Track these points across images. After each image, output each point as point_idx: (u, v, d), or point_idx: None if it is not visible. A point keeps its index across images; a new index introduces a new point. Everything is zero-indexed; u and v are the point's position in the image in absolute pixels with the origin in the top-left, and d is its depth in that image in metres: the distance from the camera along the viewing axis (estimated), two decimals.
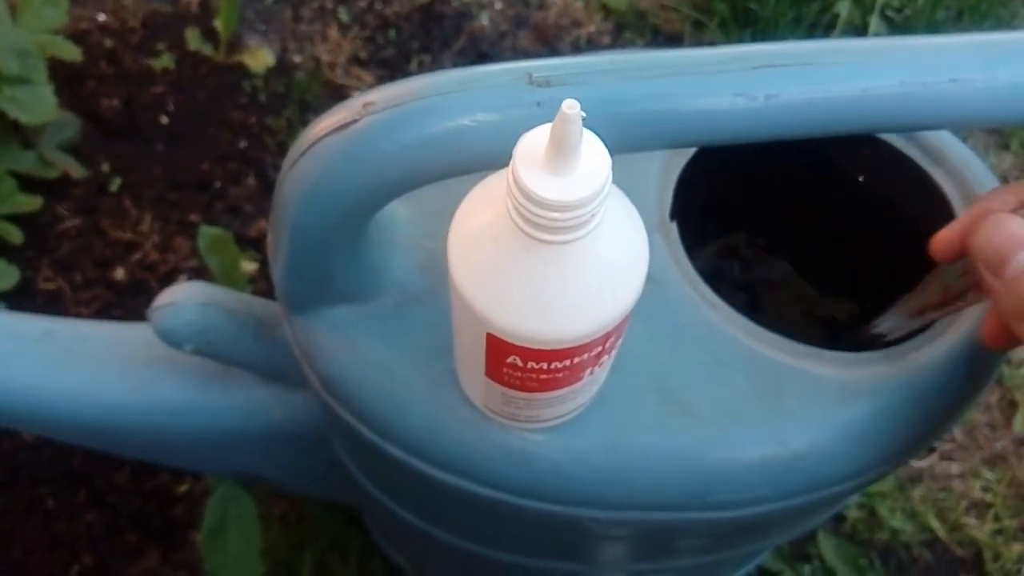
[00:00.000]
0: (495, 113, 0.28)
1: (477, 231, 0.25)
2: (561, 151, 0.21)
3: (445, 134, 0.28)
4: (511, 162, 0.22)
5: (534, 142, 0.22)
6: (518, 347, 0.26)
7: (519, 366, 0.27)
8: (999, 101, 0.31)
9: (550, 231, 0.23)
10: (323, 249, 0.33)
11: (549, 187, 0.22)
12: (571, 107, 0.20)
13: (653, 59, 0.29)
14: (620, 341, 0.30)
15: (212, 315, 0.39)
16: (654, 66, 0.29)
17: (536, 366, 0.27)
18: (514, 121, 0.27)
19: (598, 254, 0.24)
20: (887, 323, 0.39)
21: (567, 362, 0.27)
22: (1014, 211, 0.31)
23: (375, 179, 0.29)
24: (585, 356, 0.27)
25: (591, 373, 0.29)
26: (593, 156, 0.22)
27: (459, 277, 0.26)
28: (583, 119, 0.21)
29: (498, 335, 0.26)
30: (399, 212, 0.38)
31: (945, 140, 0.44)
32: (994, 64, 0.31)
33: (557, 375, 0.28)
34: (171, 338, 0.40)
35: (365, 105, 0.29)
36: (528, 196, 0.22)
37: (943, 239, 0.33)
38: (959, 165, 0.43)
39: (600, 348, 0.28)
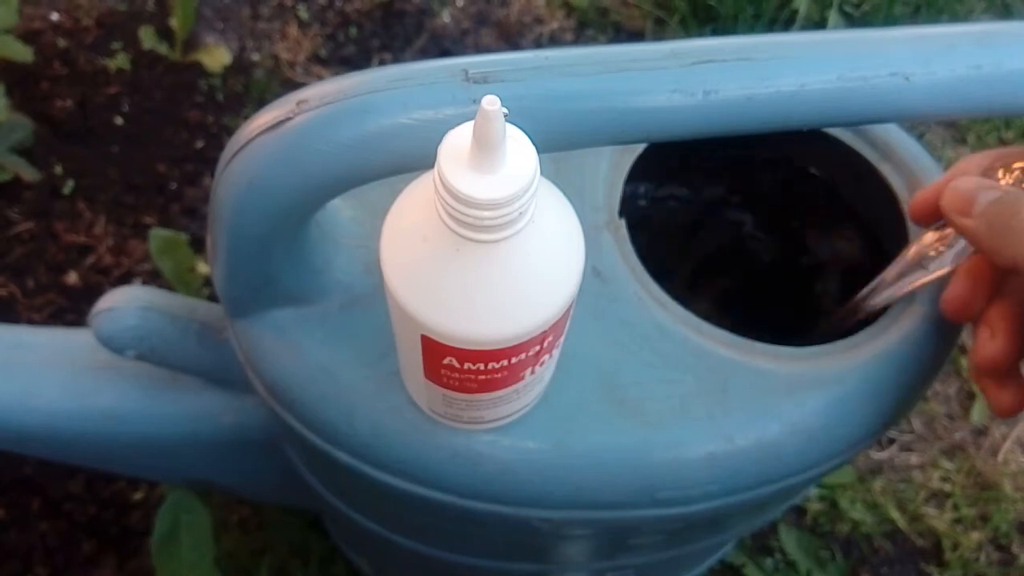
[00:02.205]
0: (431, 111, 0.27)
1: (408, 231, 0.25)
2: (485, 148, 0.21)
3: (380, 132, 0.28)
4: (436, 160, 0.22)
5: (459, 140, 0.22)
6: (453, 348, 0.26)
7: (456, 367, 0.27)
8: (938, 95, 0.31)
9: (478, 230, 0.22)
10: (262, 251, 0.32)
11: (474, 185, 0.21)
12: (491, 103, 0.20)
13: (591, 55, 0.29)
14: (561, 340, 0.29)
15: (153, 320, 0.38)
16: (592, 62, 0.29)
17: (473, 367, 0.27)
18: (451, 119, 0.27)
19: (530, 253, 0.24)
20: (873, 299, 0.39)
21: (504, 362, 0.27)
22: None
23: (310, 178, 0.29)
24: (523, 356, 0.27)
25: (532, 373, 0.29)
26: (519, 152, 0.22)
27: (391, 278, 0.25)
28: (506, 115, 0.21)
29: (432, 336, 0.26)
30: (343, 211, 0.37)
31: (892, 134, 0.44)
32: (932, 58, 0.31)
33: (495, 376, 0.27)
34: (112, 344, 0.39)
35: (299, 103, 0.28)
36: (454, 194, 0.22)
37: (920, 199, 0.36)
38: (906, 159, 0.43)
39: (539, 347, 0.27)
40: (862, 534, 0.75)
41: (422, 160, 0.27)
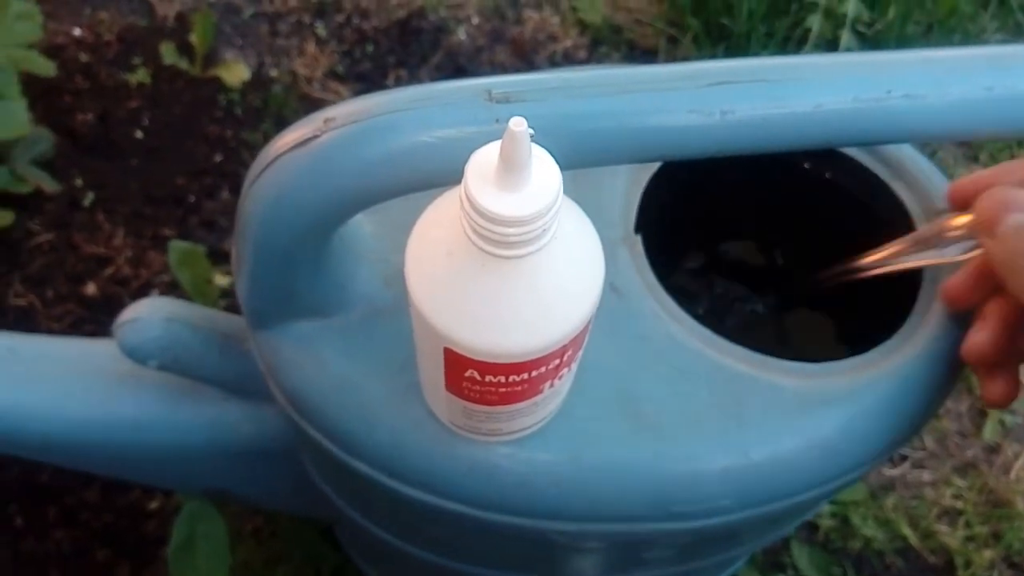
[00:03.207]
0: (454, 129, 0.28)
1: (433, 246, 0.25)
2: (511, 168, 0.21)
3: (405, 150, 0.28)
4: (463, 178, 0.23)
5: (485, 159, 0.23)
6: (475, 361, 0.26)
7: (477, 380, 0.27)
8: (951, 116, 0.32)
9: (503, 246, 0.23)
10: (286, 264, 0.33)
11: (500, 203, 0.22)
12: (518, 124, 0.21)
13: (610, 76, 0.30)
14: (580, 353, 0.30)
15: (177, 330, 0.39)
16: (611, 83, 0.29)
17: (494, 380, 0.27)
18: (473, 137, 0.28)
19: (552, 269, 0.24)
20: (876, 266, 0.40)
21: (525, 375, 0.27)
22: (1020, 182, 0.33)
23: (336, 194, 0.30)
24: (543, 369, 0.27)
25: (551, 386, 0.30)
26: (543, 171, 0.23)
27: (415, 292, 0.26)
28: (532, 135, 0.21)
29: (455, 349, 0.26)
30: (365, 226, 0.38)
31: (905, 152, 0.44)
32: (946, 80, 0.32)
33: (515, 388, 0.28)
34: (136, 354, 0.39)
35: (326, 121, 0.29)
36: (480, 212, 0.22)
37: (959, 188, 0.37)
38: (919, 178, 0.44)
39: (558, 361, 0.28)
40: (874, 551, 0.75)
41: (446, 177, 0.28)
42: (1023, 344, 0.34)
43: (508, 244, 0.23)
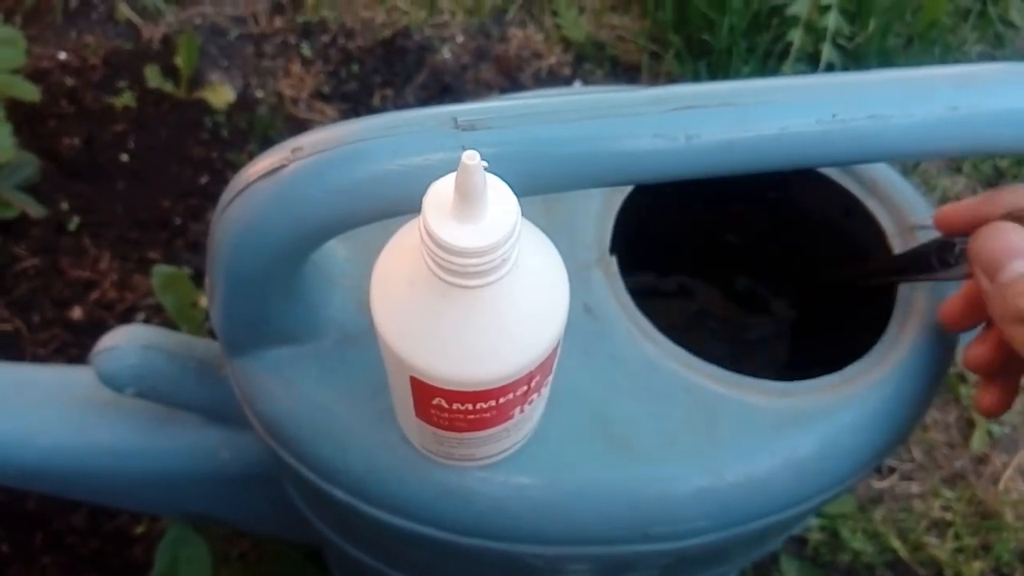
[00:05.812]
0: (421, 157, 0.28)
1: (396, 275, 0.26)
2: (467, 199, 0.22)
3: (372, 179, 0.29)
4: (421, 210, 0.23)
5: (443, 190, 0.23)
6: (441, 389, 0.26)
7: (445, 407, 0.27)
8: (917, 137, 0.32)
9: (462, 276, 0.23)
10: (258, 292, 0.33)
11: (458, 234, 0.22)
12: (471, 158, 0.21)
13: (576, 102, 0.30)
14: (549, 378, 0.30)
15: (153, 358, 0.39)
16: (577, 109, 0.30)
17: (462, 407, 0.27)
18: (440, 165, 0.28)
19: (515, 297, 0.25)
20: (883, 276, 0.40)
21: (492, 402, 0.27)
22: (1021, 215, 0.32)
23: (304, 223, 0.30)
24: (511, 396, 0.28)
25: (521, 412, 0.30)
26: (500, 202, 0.23)
27: (380, 321, 0.26)
28: (487, 167, 0.21)
29: (420, 378, 0.26)
30: (338, 251, 0.38)
31: (879, 170, 0.45)
32: (911, 100, 0.32)
33: (484, 415, 0.28)
34: (113, 382, 0.39)
35: (293, 150, 0.29)
36: (438, 243, 0.22)
37: (951, 215, 0.35)
38: (892, 194, 0.44)
39: (526, 387, 0.28)
40: (863, 564, 0.75)
41: (414, 204, 0.28)
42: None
43: (467, 274, 0.23)
